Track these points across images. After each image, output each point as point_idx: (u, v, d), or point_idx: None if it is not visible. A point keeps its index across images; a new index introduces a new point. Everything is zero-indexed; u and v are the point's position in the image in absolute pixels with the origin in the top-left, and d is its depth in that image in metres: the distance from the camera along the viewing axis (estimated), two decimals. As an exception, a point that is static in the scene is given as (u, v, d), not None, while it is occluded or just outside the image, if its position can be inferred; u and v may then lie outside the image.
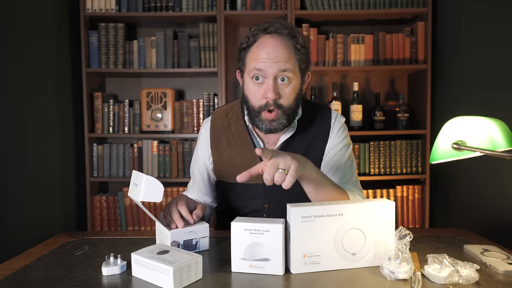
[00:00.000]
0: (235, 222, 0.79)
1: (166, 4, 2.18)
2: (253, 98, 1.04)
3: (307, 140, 1.13)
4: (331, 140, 1.13)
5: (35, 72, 1.87)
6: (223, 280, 0.75)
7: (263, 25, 1.03)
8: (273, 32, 1.01)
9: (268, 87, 0.99)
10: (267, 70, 0.99)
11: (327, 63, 2.24)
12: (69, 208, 2.17)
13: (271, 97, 0.99)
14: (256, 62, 1.00)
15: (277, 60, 0.99)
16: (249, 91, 1.05)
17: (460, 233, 1.05)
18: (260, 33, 1.02)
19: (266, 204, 1.12)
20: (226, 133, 1.15)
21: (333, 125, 1.14)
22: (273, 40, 1.00)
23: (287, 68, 0.99)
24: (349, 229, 0.80)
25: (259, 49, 1.01)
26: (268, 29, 1.02)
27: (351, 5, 2.17)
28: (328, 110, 1.18)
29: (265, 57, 0.99)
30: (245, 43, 1.05)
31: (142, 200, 0.81)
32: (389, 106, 2.45)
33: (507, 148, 0.78)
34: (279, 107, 1.01)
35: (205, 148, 1.18)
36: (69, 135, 2.17)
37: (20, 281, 0.76)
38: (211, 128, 1.18)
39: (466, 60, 1.94)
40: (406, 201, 2.27)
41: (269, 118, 1.02)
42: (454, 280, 0.72)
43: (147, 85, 2.46)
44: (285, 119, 1.03)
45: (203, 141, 1.19)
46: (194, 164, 1.22)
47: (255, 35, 1.03)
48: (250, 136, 1.13)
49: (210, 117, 1.21)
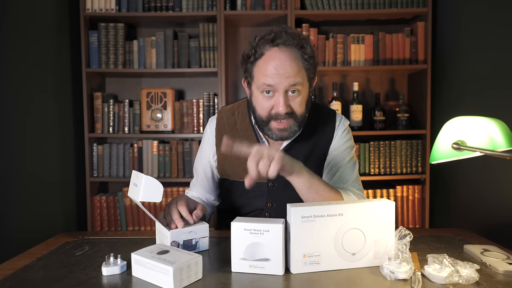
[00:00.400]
0: (235, 222, 0.79)
1: (166, 4, 2.18)
2: (261, 109, 1.03)
3: (312, 141, 1.13)
4: (334, 142, 1.14)
5: (35, 72, 1.87)
6: (223, 280, 0.75)
7: (269, 36, 0.99)
8: (281, 45, 0.98)
9: (279, 101, 0.98)
10: (277, 86, 0.98)
11: (327, 63, 2.24)
12: (69, 208, 2.17)
13: (283, 111, 0.98)
14: (265, 77, 0.98)
15: (287, 75, 0.96)
16: (257, 103, 1.03)
17: (460, 233, 1.05)
18: (267, 45, 0.99)
19: (269, 203, 1.13)
20: (232, 132, 1.16)
21: (337, 127, 1.15)
22: (282, 54, 0.97)
23: (297, 82, 0.98)
24: (349, 229, 0.80)
25: (267, 63, 0.98)
26: (276, 41, 0.98)
27: (351, 5, 2.17)
28: (333, 112, 1.18)
29: (274, 73, 0.97)
30: (252, 56, 1.02)
31: (142, 200, 0.82)
32: (389, 106, 2.45)
33: (507, 148, 0.78)
34: (290, 115, 1.01)
35: (210, 145, 1.19)
36: (69, 135, 2.17)
37: (20, 281, 0.76)
38: (217, 126, 1.18)
39: (466, 60, 1.94)
40: (406, 201, 2.27)
41: (279, 127, 1.02)
42: (454, 280, 0.72)
43: (147, 85, 2.46)
44: (296, 126, 1.03)
45: (208, 138, 1.20)
46: (198, 162, 1.23)
47: (261, 47, 1.00)
48: (256, 135, 1.14)
49: (216, 115, 1.21)
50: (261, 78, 0.99)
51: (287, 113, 1.00)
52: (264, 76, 0.98)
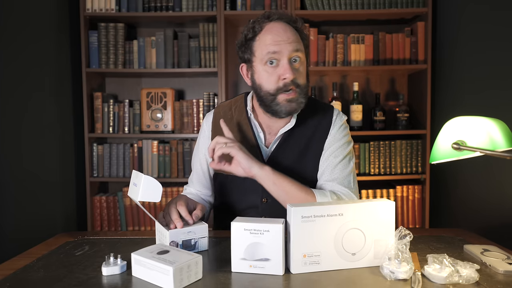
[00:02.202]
0: (235, 222, 0.79)
1: (166, 4, 2.18)
2: (268, 83, 1.05)
3: (307, 135, 1.13)
4: (330, 137, 1.13)
5: (35, 72, 1.87)
6: (223, 280, 0.75)
7: (263, 15, 1.08)
8: (277, 19, 1.06)
9: (285, 68, 1.02)
10: (282, 51, 1.02)
11: (327, 63, 2.24)
12: (69, 208, 2.17)
13: (290, 77, 1.02)
14: (269, 46, 1.03)
15: (290, 41, 1.02)
16: (262, 78, 1.06)
17: (460, 233, 1.05)
18: (264, 20, 1.06)
19: (264, 198, 1.12)
20: (229, 125, 1.15)
21: (334, 122, 1.14)
22: (280, 25, 1.05)
23: (299, 48, 1.04)
24: (349, 229, 0.80)
25: (269, 34, 1.04)
26: (271, 16, 1.06)
27: (351, 5, 2.17)
28: (330, 107, 1.18)
29: (278, 39, 1.02)
30: (251, 33, 1.07)
31: (141, 199, 0.82)
32: (389, 106, 2.45)
33: (507, 148, 0.78)
34: (297, 86, 1.04)
35: (206, 139, 1.20)
36: (69, 135, 2.17)
37: (20, 281, 0.76)
38: (213, 120, 1.19)
39: (466, 60, 1.93)
40: (406, 201, 2.27)
41: (288, 97, 1.04)
42: (454, 280, 0.72)
43: (147, 85, 2.46)
44: (303, 97, 1.06)
45: (204, 132, 1.21)
46: (195, 156, 1.24)
47: (260, 23, 1.06)
48: (252, 129, 1.14)
49: (213, 110, 1.22)
50: (264, 48, 1.04)
51: (294, 82, 1.03)
52: (268, 45, 1.03)
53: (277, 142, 1.12)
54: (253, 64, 1.08)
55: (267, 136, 1.15)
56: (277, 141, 1.12)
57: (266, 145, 1.14)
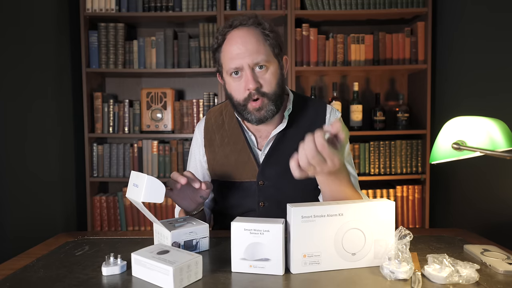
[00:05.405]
0: (235, 222, 0.79)
1: (166, 4, 2.18)
2: (236, 93, 1.05)
3: (301, 134, 1.10)
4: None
5: (35, 72, 1.87)
6: (223, 280, 0.75)
7: (226, 23, 1.06)
8: (238, 26, 1.03)
9: (248, 79, 1.01)
10: (241, 64, 1.01)
11: (327, 63, 2.24)
12: (69, 208, 2.17)
13: (252, 87, 1.01)
14: (230, 60, 1.02)
15: (249, 52, 1.00)
16: (231, 88, 1.06)
17: (460, 233, 1.05)
18: (227, 29, 1.04)
19: (261, 203, 1.11)
20: (220, 131, 1.16)
21: (328, 120, 1.13)
22: (241, 32, 1.02)
23: (260, 57, 1.01)
24: (349, 229, 0.80)
25: (229, 45, 1.03)
26: (233, 23, 1.04)
27: (351, 5, 2.17)
28: (323, 104, 1.17)
29: (237, 51, 1.01)
30: (216, 44, 1.07)
31: (144, 201, 0.81)
32: (389, 106, 2.45)
33: (507, 148, 0.78)
34: (262, 94, 1.03)
35: (199, 147, 1.19)
36: (69, 135, 2.17)
37: (20, 281, 0.76)
38: (205, 127, 1.19)
39: (466, 60, 1.93)
40: (406, 201, 2.27)
41: (256, 106, 1.03)
42: (454, 280, 0.72)
43: (147, 85, 2.46)
44: (272, 105, 1.04)
45: (197, 140, 1.20)
46: (190, 164, 1.23)
47: (223, 33, 1.05)
48: (243, 133, 1.14)
49: (205, 117, 1.22)
50: (227, 61, 1.03)
51: (258, 91, 1.02)
52: (229, 59, 1.02)
53: (269, 144, 1.11)
54: (223, 75, 1.09)
55: (258, 140, 1.14)
56: (270, 143, 1.11)
57: (259, 147, 1.14)
